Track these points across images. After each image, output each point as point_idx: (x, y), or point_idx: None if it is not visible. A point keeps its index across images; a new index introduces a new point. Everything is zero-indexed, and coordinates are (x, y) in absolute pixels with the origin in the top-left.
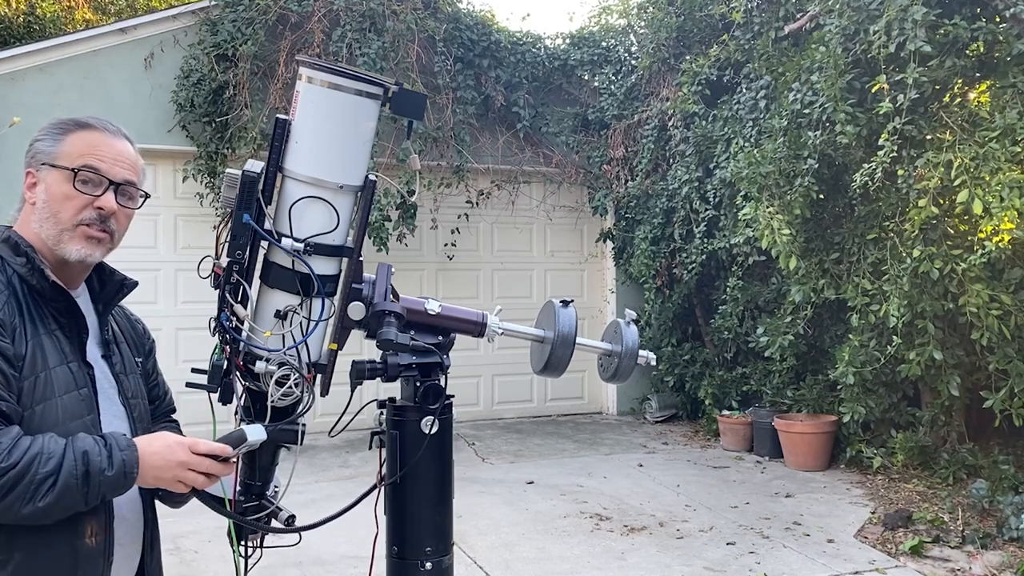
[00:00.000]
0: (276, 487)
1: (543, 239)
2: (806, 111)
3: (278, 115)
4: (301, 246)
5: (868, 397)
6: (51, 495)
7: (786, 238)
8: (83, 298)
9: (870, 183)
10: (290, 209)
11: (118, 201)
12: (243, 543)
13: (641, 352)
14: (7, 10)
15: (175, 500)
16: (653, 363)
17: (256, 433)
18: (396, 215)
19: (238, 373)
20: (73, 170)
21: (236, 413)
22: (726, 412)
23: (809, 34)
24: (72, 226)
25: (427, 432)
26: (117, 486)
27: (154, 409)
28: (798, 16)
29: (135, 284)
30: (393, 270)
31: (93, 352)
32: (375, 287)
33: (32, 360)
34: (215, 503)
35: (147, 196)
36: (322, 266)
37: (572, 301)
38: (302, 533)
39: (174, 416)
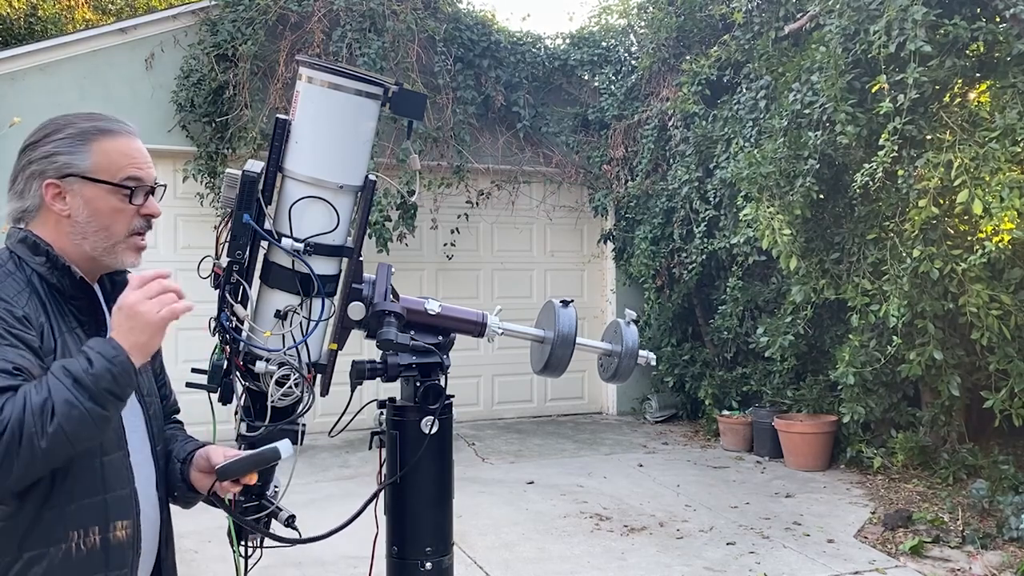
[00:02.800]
0: (276, 487)
1: (543, 239)
2: (806, 111)
3: (278, 115)
4: (301, 246)
5: (868, 397)
6: (56, 416)
7: (787, 238)
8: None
9: (870, 183)
10: (290, 209)
11: None
12: (243, 543)
13: (641, 352)
14: (8, 10)
15: (186, 500)
16: (653, 363)
17: (287, 449)
18: (396, 215)
19: (238, 373)
20: (125, 187)
21: (236, 413)
22: (726, 412)
23: (809, 34)
24: (125, 237)
25: (427, 432)
26: (113, 375)
27: None
28: (798, 16)
29: None
30: (393, 270)
31: None
32: (375, 287)
33: (61, 356)
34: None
35: (164, 188)
36: (322, 266)
37: (572, 301)
38: (302, 535)
39: (177, 417)
